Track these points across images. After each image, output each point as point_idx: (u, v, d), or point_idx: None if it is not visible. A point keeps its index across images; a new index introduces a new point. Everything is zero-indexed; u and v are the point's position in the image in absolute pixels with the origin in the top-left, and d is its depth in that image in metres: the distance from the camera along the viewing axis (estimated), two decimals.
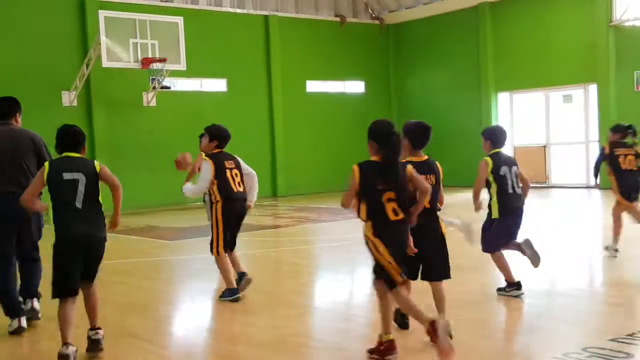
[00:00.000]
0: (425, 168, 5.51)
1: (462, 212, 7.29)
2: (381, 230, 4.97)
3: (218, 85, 20.85)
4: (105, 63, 16.72)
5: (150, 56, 17.09)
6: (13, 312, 6.23)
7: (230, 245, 7.47)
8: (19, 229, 6.26)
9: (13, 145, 6.31)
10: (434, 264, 5.50)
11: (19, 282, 6.46)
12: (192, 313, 7.07)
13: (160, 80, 18.20)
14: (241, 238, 12.30)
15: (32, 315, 6.39)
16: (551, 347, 5.10)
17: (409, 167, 5.12)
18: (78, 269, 5.32)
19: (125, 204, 6.13)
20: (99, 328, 5.50)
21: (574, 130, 20.59)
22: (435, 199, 5.47)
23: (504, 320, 6.22)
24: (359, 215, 5.06)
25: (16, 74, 17.33)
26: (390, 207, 4.96)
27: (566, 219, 13.88)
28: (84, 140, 5.58)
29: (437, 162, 5.68)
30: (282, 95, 21.91)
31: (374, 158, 5.05)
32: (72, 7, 18.24)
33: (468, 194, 11.43)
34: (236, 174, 7.41)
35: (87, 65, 17.55)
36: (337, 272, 9.01)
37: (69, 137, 5.50)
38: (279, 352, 5.36)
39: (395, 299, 5.06)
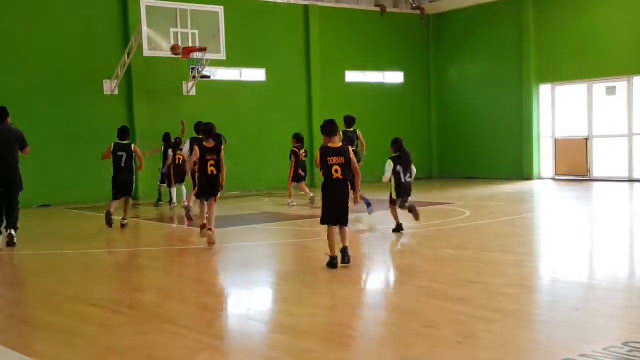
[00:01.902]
0: (336, 151, 8.02)
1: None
2: (201, 178, 9.99)
3: (257, 74, 20.94)
4: (146, 52, 16.91)
5: (190, 45, 17.23)
6: None
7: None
8: (10, 187, 10.59)
9: (9, 139, 10.57)
10: (341, 214, 8.11)
11: None
12: (231, 300, 7.14)
13: (200, 69, 18.34)
14: (277, 227, 12.42)
15: (10, 240, 10.45)
16: (591, 340, 5.04)
17: (222, 148, 9.98)
18: (122, 191, 12.41)
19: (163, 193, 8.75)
20: (126, 218, 12.50)
21: (616, 122, 20.20)
22: (345, 172, 8.01)
23: (542, 313, 6.15)
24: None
25: (59, 63, 17.67)
26: (210, 168, 9.89)
27: (606, 212, 13.66)
28: (129, 133, 12.67)
29: (349, 147, 8.13)
30: (321, 85, 21.92)
31: (205, 143, 9.94)
32: None
33: (506, 187, 11.41)
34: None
35: (128, 54, 17.77)
36: (373, 262, 9.01)
37: (122, 132, 12.46)
38: (317, 339, 5.39)
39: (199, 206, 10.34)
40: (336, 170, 7.99)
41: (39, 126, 17.25)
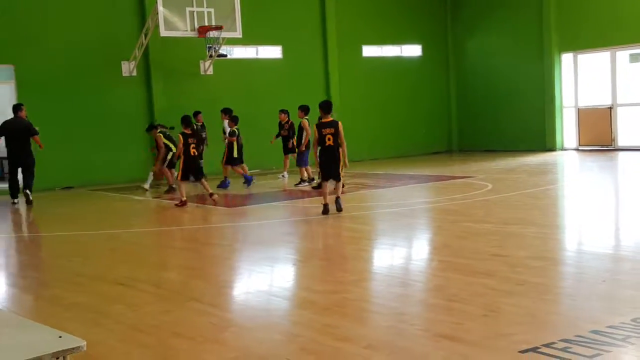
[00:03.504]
0: (328, 124, 10.28)
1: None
2: (186, 160, 12.27)
3: (274, 52, 20.83)
4: (163, 32, 16.86)
5: (206, 24, 17.16)
6: (15, 195, 14.12)
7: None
8: (25, 165, 13.99)
9: (22, 129, 13.80)
10: (333, 172, 10.46)
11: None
12: (254, 278, 7.17)
13: (217, 48, 18.26)
14: (298, 205, 12.41)
15: (27, 199, 13.75)
16: (619, 313, 4.98)
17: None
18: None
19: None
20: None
21: None
22: (336, 140, 10.26)
23: (568, 286, 6.10)
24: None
25: (77, 46, 17.67)
26: (192, 150, 12.29)
27: (632, 182, 13.49)
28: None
29: (339, 122, 10.34)
30: (338, 60, 21.74)
31: (185, 130, 12.42)
32: None
33: (529, 159, 11.28)
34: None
35: (146, 35, 17.74)
36: (395, 238, 8.99)
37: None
38: (341, 316, 5.39)
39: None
40: (329, 139, 10.27)
41: (60, 110, 17.35)
